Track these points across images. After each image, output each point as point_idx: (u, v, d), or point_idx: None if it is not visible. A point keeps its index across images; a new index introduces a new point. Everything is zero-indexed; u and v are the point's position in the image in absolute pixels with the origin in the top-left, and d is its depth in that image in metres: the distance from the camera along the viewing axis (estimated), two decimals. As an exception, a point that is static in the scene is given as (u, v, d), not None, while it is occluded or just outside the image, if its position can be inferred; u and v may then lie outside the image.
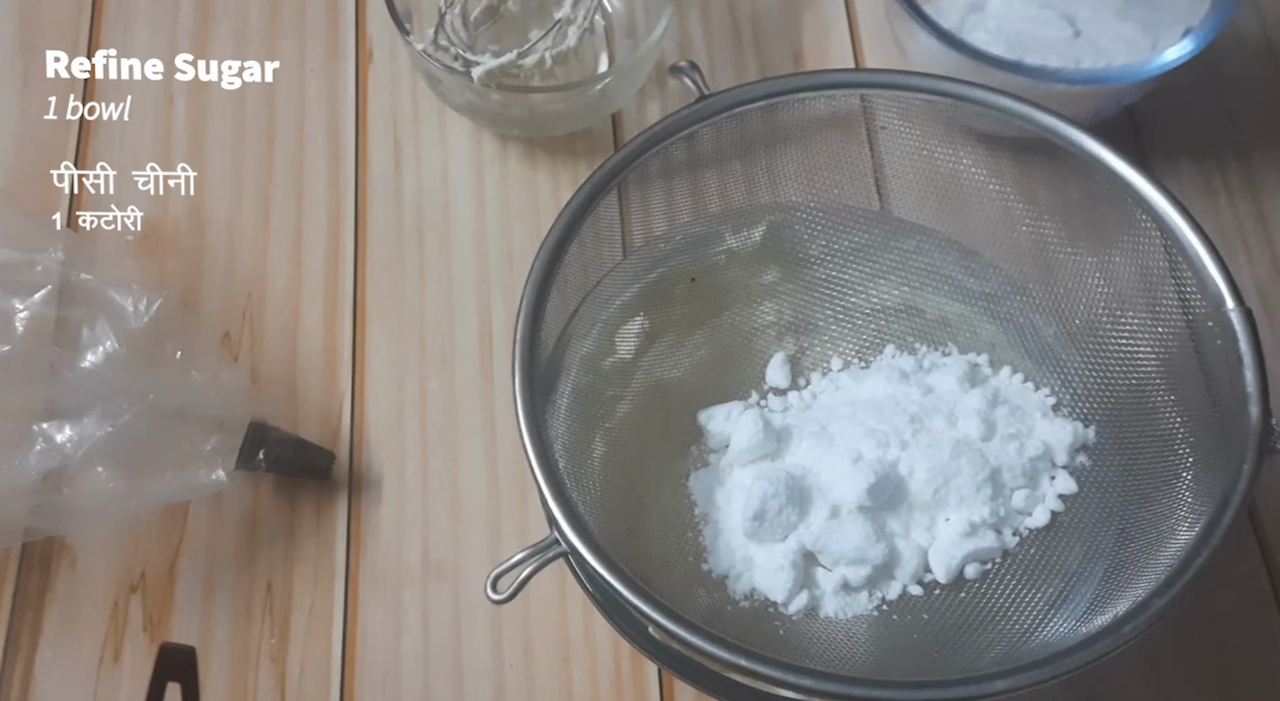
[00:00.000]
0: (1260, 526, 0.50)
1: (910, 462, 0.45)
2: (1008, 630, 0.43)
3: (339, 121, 0.59)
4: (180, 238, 0.56)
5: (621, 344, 0.51)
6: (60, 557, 0.49)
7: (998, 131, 0.47)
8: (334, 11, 0.61)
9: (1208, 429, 0.42)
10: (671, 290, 0.51)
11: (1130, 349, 0.46)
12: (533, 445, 0.40)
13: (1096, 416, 0.47)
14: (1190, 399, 0.43)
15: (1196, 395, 0.42)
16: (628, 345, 0.51)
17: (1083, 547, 0.45)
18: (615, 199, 0.48)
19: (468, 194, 0.57)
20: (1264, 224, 0.56)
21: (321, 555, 0.50)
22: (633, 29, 0.60)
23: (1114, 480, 0.46)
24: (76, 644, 0.48)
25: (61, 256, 0.46)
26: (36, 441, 0.43)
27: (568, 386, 0.49)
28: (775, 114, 0.48)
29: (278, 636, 0.48)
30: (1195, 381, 0.42)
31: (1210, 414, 0.41)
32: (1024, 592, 0.44)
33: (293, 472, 0.50)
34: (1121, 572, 0.42)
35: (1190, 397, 0.43)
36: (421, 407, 0.52)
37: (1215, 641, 0.48)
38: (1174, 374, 0.44)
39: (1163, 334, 0.44)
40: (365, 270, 0.55)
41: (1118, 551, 0.44)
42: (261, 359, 0.53)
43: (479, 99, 0.53)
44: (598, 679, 0.48)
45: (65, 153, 0.57)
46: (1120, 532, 0.44)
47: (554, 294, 0.44)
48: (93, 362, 0.44)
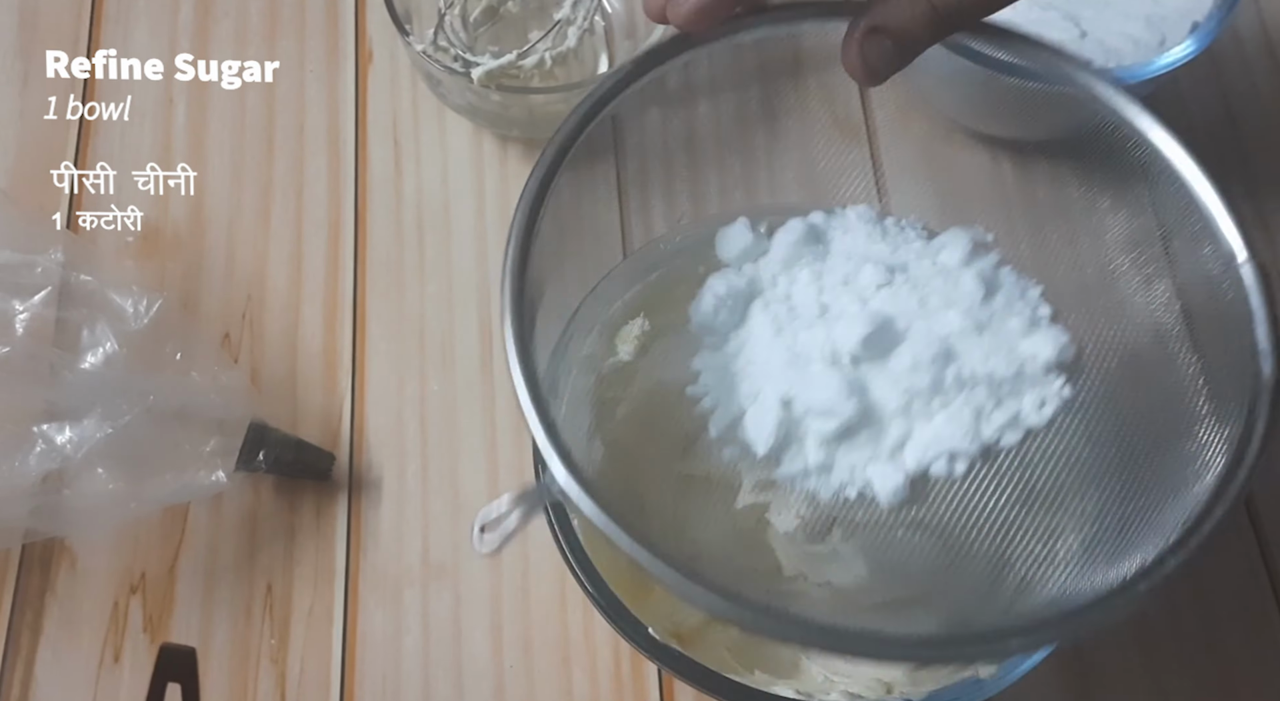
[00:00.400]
0: (1259, 524, 0.51)
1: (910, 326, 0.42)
2: (1001, 551, 0.42)
3: (339, 122, 0.59)
4: (180, 238, 0.56)
5: (622, 345, 0.51)
6: (60, 559, 0.49)
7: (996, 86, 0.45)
8: (333, 12, 0.61)
9: (1222, 386, 0.41)
10: (672, 291, 0.51)
11: (1142, 301, 0.45)
12: (525, 381, 0.36)
13: (1106, 364, 0.45)
14: (1205, 353, 0.42)
15: (1212, 350, 0.42)
16: (628, 346, 0.51)
17: (1082, 485, 0.43)
18: (610, 168, 0.46)
19: (468, 194, 0.57)
20: (1265, 226, 0.56)
21: (321, 556, 0.50)
22: (632, 29, 0.60)
23: (1122, 428, 0.44)
24: (77, 644, 0.48)
25: (61, 258, 0.46)
26: (36, 443, 0.43)
27: (567, 389, 0.49)
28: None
29: (278, 637, 0.48)
30: (1209, 336, 0.41)
31: (1225, 371, 0.40)
32: (1016, 513, 0.42)
33: (293, 473, 0.50)
34: (1126, 528, 0.41)
35: (1205, 351, 0.42)
36: (421, 408, 0.52)
37: (1212, 636, 0.49)
38: (1189, 327, 0.43)
39: (1176, 287, 0.43)
40: (365, 271, 0.55)
41: (1123, 505, 0.42)
42: (261, 360, 0.53)
43: (479, 100, 0.53)
44: (598, 679, 0.48)
45: (65, 153, 0.57)
46: (1126, 483, 0.43)
47: (550, 286, 0.42)
48: (92, 364, 0.44)
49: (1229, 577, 0.50)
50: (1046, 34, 0.53)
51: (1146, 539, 0.39)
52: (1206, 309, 0.41)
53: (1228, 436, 0.38)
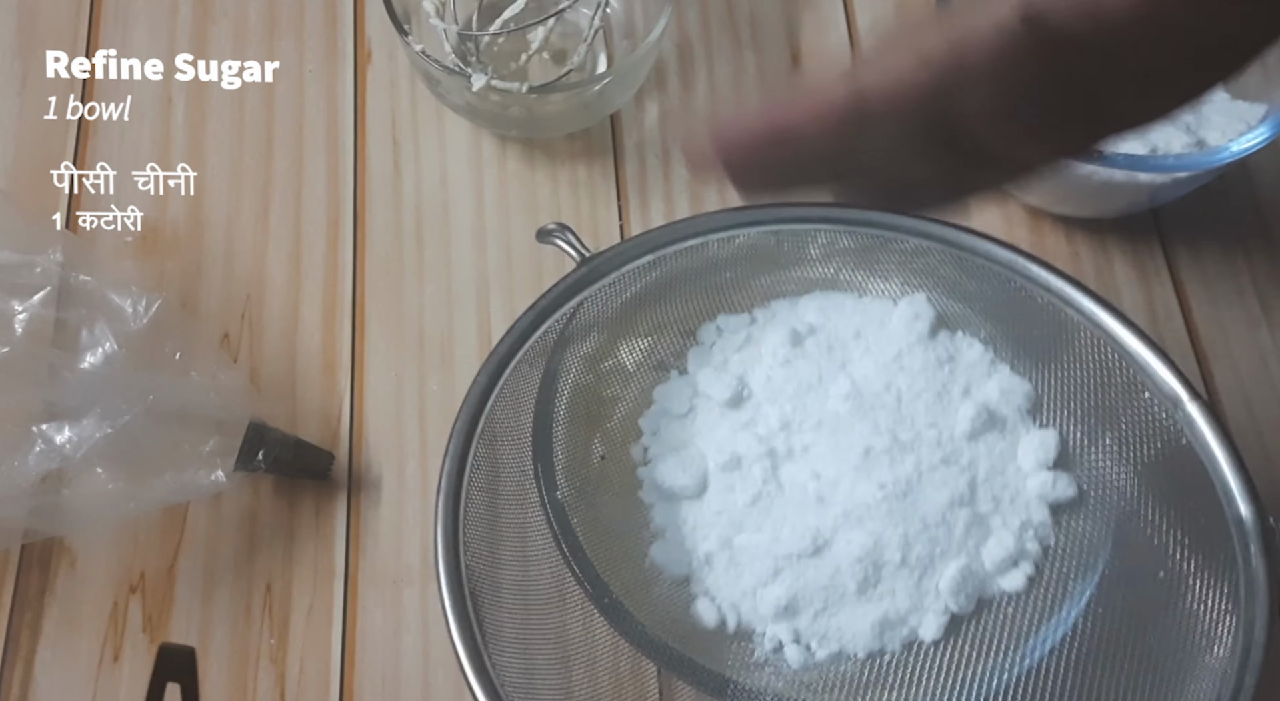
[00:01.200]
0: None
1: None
2: None
3: (338, 122, 0.59)
4: (179, 238, 0.56)
5: (621, 344, 0.51)
6: (60, 558, 0.49)
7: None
8: (332, 13, 0.61)
9: (1205, 540, 0.38)
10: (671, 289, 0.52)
11: (1112, 469, 0.44)
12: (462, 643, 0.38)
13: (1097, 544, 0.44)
14: (1182, 507, 0.39)
15: (1185, 502, 0.39)
16: (627, 346, 0.51)
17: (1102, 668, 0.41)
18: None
19: (467, 194, 0.57)
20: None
21: (321, 555, 0.50)
22: (631, 30, 0.60)
23: (1125, 607, 0.42)
24: (76, 644, 0.48)
25: (60, 258, 0.46)
26: (36, 443, 0.43)
27: (567, 385, 0.49)
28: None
29: (277, 636, 0.48)
30: (1183, 487, 0.39)
31: (1200, 522, 0.38)
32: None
33: (292, 473, 0.50)
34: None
35: (1181, 505, 0.40)
36: (420, 408, 0.52)
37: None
38: (1160, 484, 0.41)
39: (1130, 443, 0.42)
40: (364, 270, 0.55)
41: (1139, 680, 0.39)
42: (261, 360, 0.53)
43: (478, 100, 0.53)
44: (597, 679, 0.48)
45: (65, 153, 0.57)
46: (1138, 659, 0.40)
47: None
48: (92, 364, 0.44)
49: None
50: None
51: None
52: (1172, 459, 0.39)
53: (1228, 592, 0.35)
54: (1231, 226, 0.57)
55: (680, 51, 0.60)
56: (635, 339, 0.50)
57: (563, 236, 0.42)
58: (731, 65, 0.60)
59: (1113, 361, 0.39)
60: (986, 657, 0.43)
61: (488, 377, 0.41)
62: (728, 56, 0.60)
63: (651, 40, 0.53)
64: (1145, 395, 0.38)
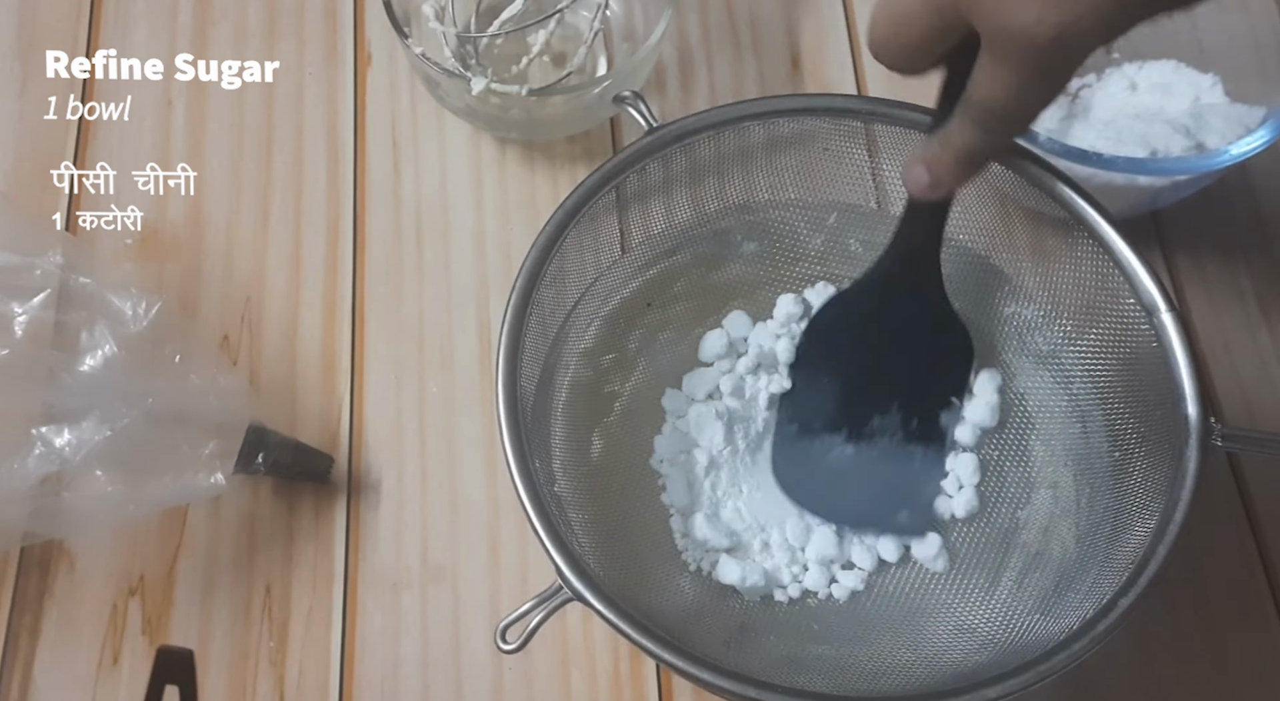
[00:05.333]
0: (1257, 525, 0.51)
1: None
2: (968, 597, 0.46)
3: (338, 124, 0.59)
4: (179, 240, 0.56)
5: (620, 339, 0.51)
6: (59, 561, 0.49)
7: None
8: (332, 14, 0.61)
9: (1155, 429, 0.44)
10: (671, 286, 0.52)
11: (1087, 353, 0.49)
12: (531, 503, 0.40)
13: (1052, 412, 0.50)
14: (1139, 400, 0.45)
15: (1144, 397, 0.45)
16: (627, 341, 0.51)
17: (1039, 536, 0.47)
18: (612, 204, 0.48)
19: (466, 197, 0.57)
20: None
21: (320, 558, 0.50)
22: (631, 32, 0.60)
23: (1075, 472, 0.49)
24: (75, 647, 0.48)
25: (60, 260, 0.46)
26: (35, 445, 0.43)
27: (565, 381, 0.49)
28: (722, 140, 0.48)
29: (276, 639, 0.48)
30: (1142, 384, 0.45)
31: (1156, 415, 0.44)
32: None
33: (291, 476, 0.50)
34: (1083, 567, 0.44)
35: (1139, 399, 0.45)
36: (420, 410, 0.52)
37: (1211, 638, 0.49)
38: (1124, 376, 0.46)
39: (1109, 341, 0.47)
40: (364, 273, 0.55)
41: (1078, 546, 0.46)
42: (260, 362, 0.53)
43: (477, 102, 0.53)
44: (596, 679, 0.48)
45: (65, 153, 0.57)
46: (1078, 526, 0.47)
47: (534, 312, 0.45)
48: (91, 366, 0.44)
49: (1226, 574, 0.50)
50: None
51: (1097, 579, 0.43)
52: (1138, 359, 0.44)
53: (1166, 474, 0.41)
54: (1231, 229, 0.57)
55: (680, 54, 0.60)
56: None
57: (634, 104, 0.47)
58: (731, 67, 0.60)
59: (1107, 268, 0.44)
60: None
61: (555, 227, 0.45)
62: (727, 59, 0.60)
63: (651, 43, 0.53)
64: (1130, 301, 0.43)
